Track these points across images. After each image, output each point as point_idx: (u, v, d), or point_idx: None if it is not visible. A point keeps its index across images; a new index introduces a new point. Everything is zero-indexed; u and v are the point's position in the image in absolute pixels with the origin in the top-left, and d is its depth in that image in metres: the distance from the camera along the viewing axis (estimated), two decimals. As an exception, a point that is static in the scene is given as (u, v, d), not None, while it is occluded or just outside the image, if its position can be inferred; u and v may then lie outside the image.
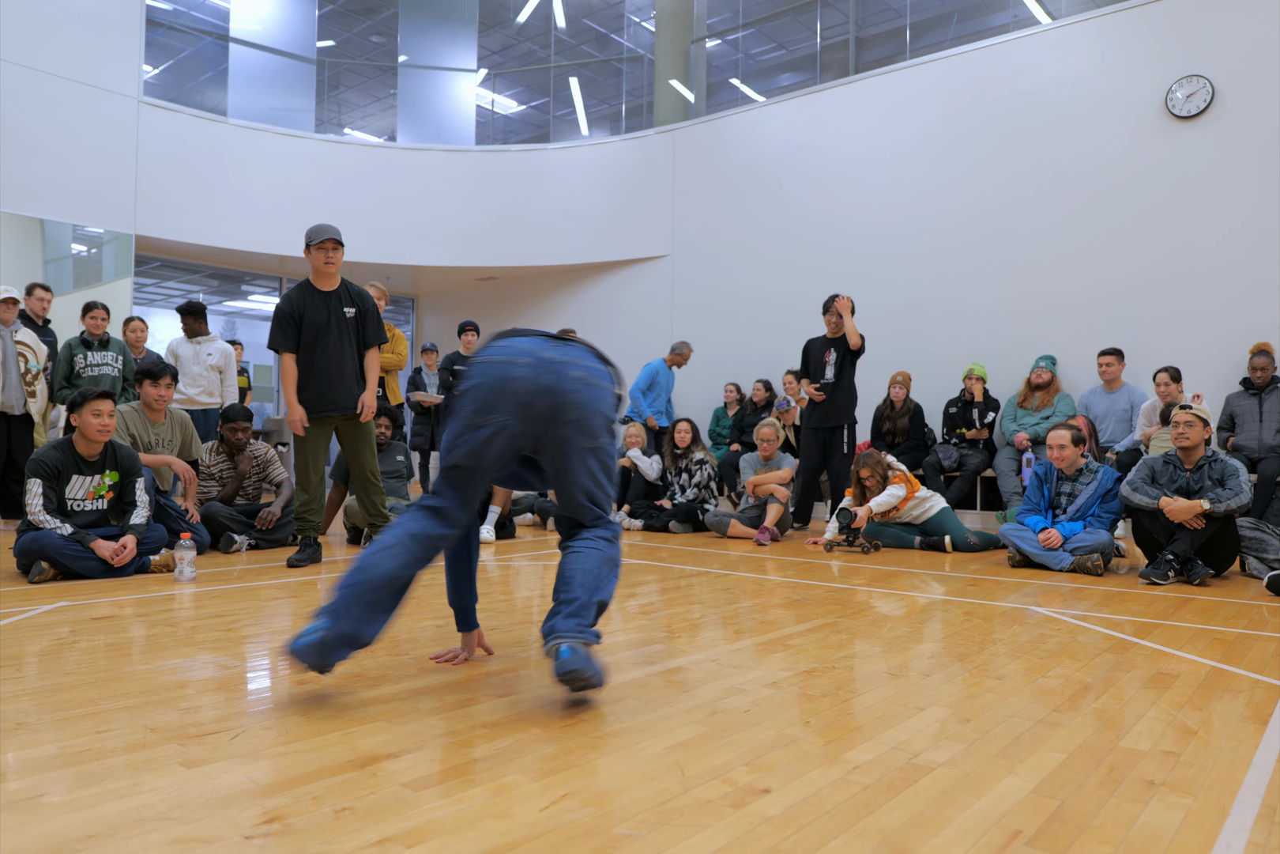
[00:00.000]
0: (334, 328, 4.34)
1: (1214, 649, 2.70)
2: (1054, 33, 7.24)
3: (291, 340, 4.30)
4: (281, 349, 4.31)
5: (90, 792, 1.46)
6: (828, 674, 2.32)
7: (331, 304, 4.35)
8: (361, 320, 4.46)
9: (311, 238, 4.27)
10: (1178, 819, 1.43)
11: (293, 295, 4.33)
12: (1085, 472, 4.66)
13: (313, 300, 4.32)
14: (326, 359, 4.33)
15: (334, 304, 4.36)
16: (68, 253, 8.16)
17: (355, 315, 4.43)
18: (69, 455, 3.93)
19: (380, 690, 2.10)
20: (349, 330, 4.40)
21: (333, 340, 4.33)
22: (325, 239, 4.24)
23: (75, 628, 2.79)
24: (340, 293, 4.40)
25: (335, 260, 4.28)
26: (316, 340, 4.31)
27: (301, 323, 4.30)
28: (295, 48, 10.26)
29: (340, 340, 4.36)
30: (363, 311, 4.46)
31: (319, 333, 4.31)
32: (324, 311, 4.32)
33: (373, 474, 4.57)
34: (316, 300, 4.33)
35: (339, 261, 4.31)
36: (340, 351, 4.36)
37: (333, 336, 4.33)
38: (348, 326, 4.40)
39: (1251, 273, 6.26)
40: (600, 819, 1.38)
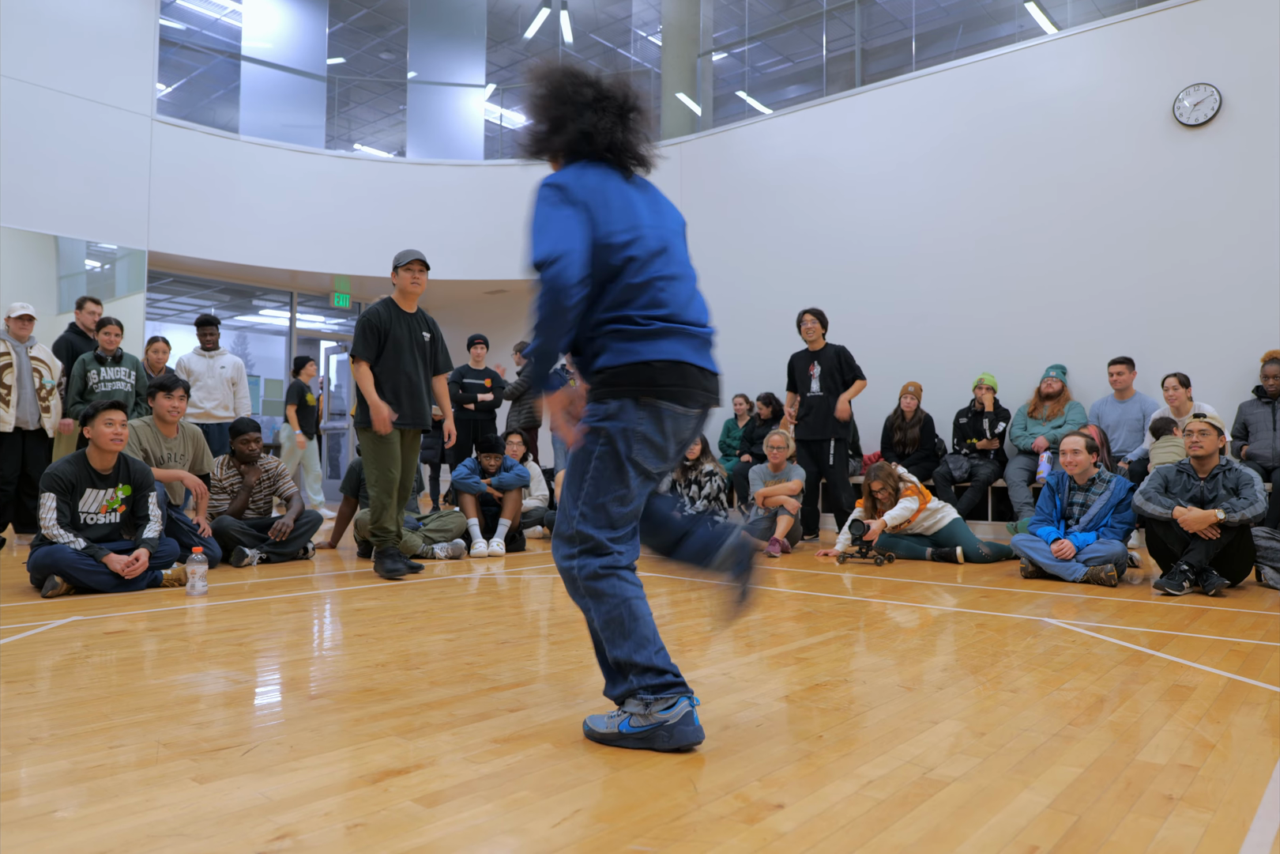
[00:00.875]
0: (411, 348, 4.57)
1: (1231, 661, 2.67)
2: (1060, 43, 7.26)
3: (374, 351, 4.50)
4: (363, 357, 4.48)
5: (103, 807, 1.46)
6: (840, 687, 2.31)
7: (412, 326, 4.60)
8: (434, 346, 4.74)
9: (400, 260, 4.51)
10: (1197, 835, 1.41)
11: (380, 310, 4.55)
12: (1098, 481, 4.63)
13: (397, 319, 4.56)
14: (404, 375, 4.53)
15: (415, 326, 4.62)
16: (81, 269, 8.24)
17: (430, 341, 4.71)
18: (83, 469, 3.96)
19: (391, 705, 2.10)
20: (424, 353, 4.65)
21: (409, 359, 4.55)
22: (413, 260, 4.50)
23: (88, 642, 2.80)
24: (419, 317, 4.68)
25: (421, 281, 4.56)
26: (397, 357, 4.53)
27: (385, 338, 4.51)
28: (306, 65, 10.37)
29: (415, 361, 4.59)
30: (435, 338, 4.76)
31: (399, 351, 4.53)
32: (405, 332, 4.56)
33: (407, 489, 4.74)
34: (400, 319, 4.57)
35: (424, 283, 4.58)
36: (415, 370, 4.58)
37: (409, 356, 4.56)
38: (424, 349, 4.65)
39: (1261, 280, 6.24)
40: (612, 835, 1.37)
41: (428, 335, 4.69)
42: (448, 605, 3.61)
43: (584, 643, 2.87)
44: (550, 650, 2.74)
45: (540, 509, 6.61)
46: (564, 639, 2.93)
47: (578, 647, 2.81)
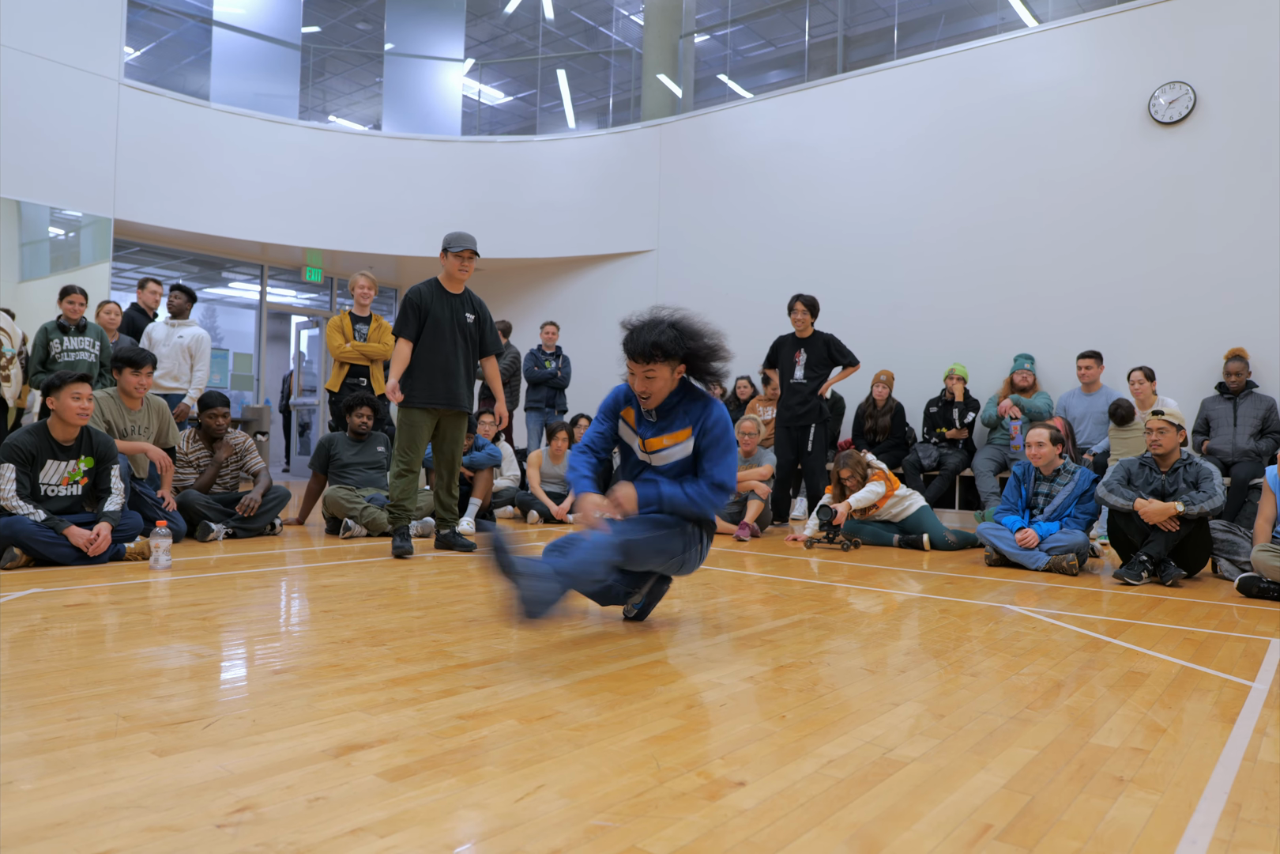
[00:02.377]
0: (452, 329, 4.53)
1: (1185, 649, 2.74)
2: (1040, 36, 7.29)
3: (413, 330, 4.48)
4: (402, 335, 4.48)
5: (60, 779, 1.44)
6: (804, 669, 2.33)
7: (455, 307, 4.56)
8: (480, 328, 4.68)
9: (452, 244, 4.48)
10: (1145, 815, 1.45)
11: (423, 289, 4.53)
12: (1063, 472, 4.70)
13: (439, 299, 4.52)
14: (441, 356, 4.49)
15: (457, 307, 4.57)
16: (45, 236, 8.05)
17: (475, 322, 4.64)
18: (44, 440, 3.88)
19: (356, 681, 2.09)
20: (467, 334, 4.60)
21: (448, 340, 4.51)
22: (465, 248, 4.48)
23: (48, 615, 2.76)
24: (465, 298, 4.62)
25: (469, 269, 4.54)
26: (435, 337, 4.50)
27: (425, 317, 4.49)
28: (280, 33, 10.15)
29: (455, 342, 4.54)
30: (482, 320, 4.69)
31: (438, 331, 4.50)
32: (447, 312, 4.52)
33: (451, 471, 4.73)
34: (443, 300, 4.53)
35: (471, 270, 4.57)
36: (454, 352, 4.53)
37: (448, 337, 4.52)
38: (467, 330, 4.60)
39: (1230, 278, 6.34)
40: (575, 810, 1.38)
41: (472, 316, 4.62)
42: (417, 583, 3.59)
43: (551, 621, 2.87)
44: (518, 629, 2.75)
45: (511, 489, 6.60)
46: (531, 618, 2.93)
47: (545, 625, 2.82)
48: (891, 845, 1.30)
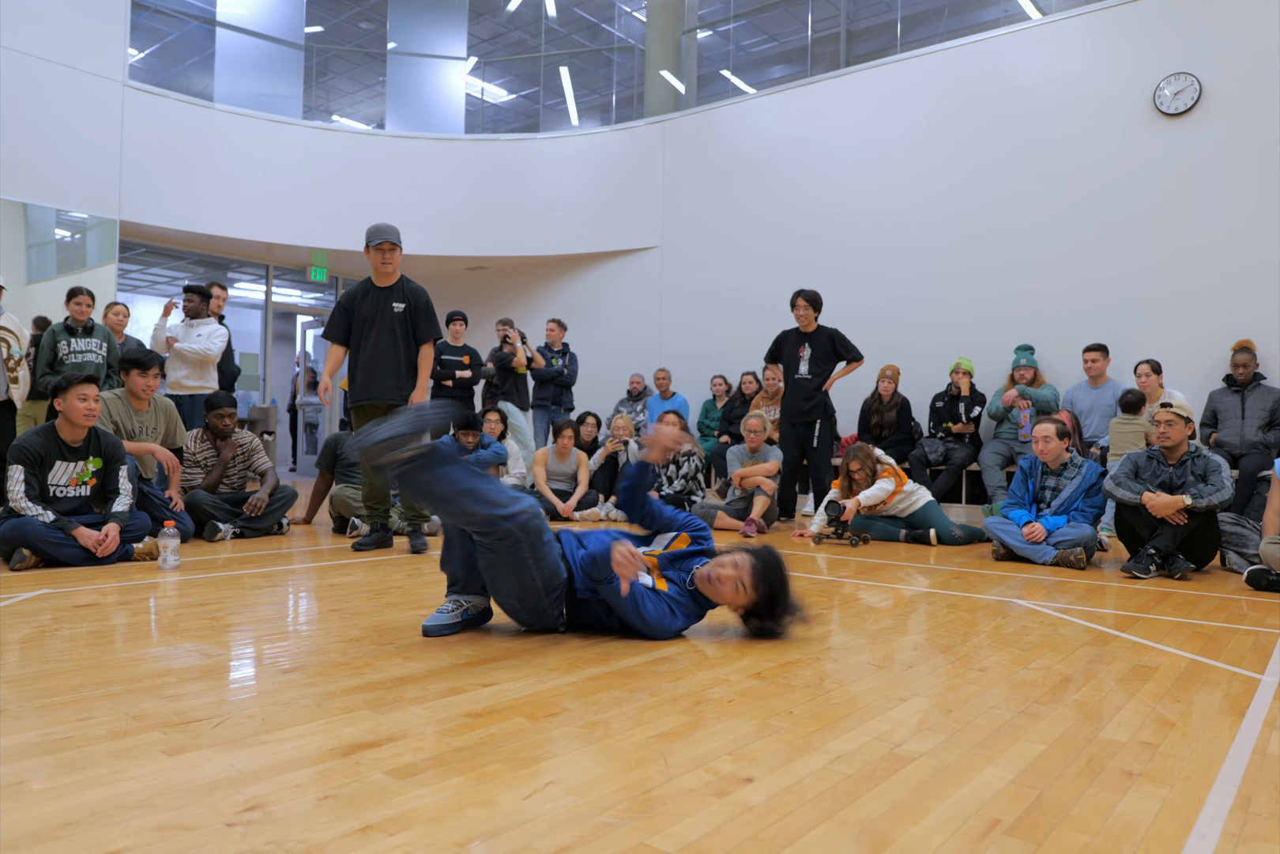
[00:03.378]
0: (379, 322, 4.50)
1: (1193, 642, 2.73)
2: (1044, 28, 7.25)
3: (339, 331, 4.54)
4: (329, 338, 4.57)
5: (71, 779, 1.45)
6: (811, 665, 2.33)
7: (382, 299, 4.52)
8: (412, 315, 4.58)
9: (370, 238, 4.44)
10: (1154, 809, 1.44)
11: (353, 289, 4.56)
12: (1069, 466, 4.69)
13: (366, 295, 4.53)
14: (368, 350, 4.50)
15: (384, 299, 4.52)
16: (51, 238, 8.08)
17: (404, 310, 4.56)
18: (52, 441, 3.90)
19: (364, 679, 2.10)
20: (395, 324, 4.53)
21: (376, 333, 4.49)
22: (383, 241, 4.42)
23: (57, 616, 2.77)
24: (395, 289, 4.56)
25: (393, 261, 4.48)
26: (364, 333, 4.51)
27: (353, 316, 4.51)
28: (283, 33, 10.15)
29: (382, 333, 4.50)
30: (414, 307, 4.58)
31: (365, 326, 4.51)
32: (373, 306, 4.51)
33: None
34: (370, 296, 4.53)
35: (395, 262, 4.50)
36: (380, 344, 4.50)
37: (376, 330, 4.49)
38: (394, 321, 4.53)
39: (1237, 270, 6.31)
40: (583, 808, 1.38)
41: (400, 306, 4.55)
42: (423, 582, 3.60)
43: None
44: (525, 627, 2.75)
45: (518, 487, 6.61)
46: (539, 616, 2.94)
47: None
48: (900, 841, 1.30)
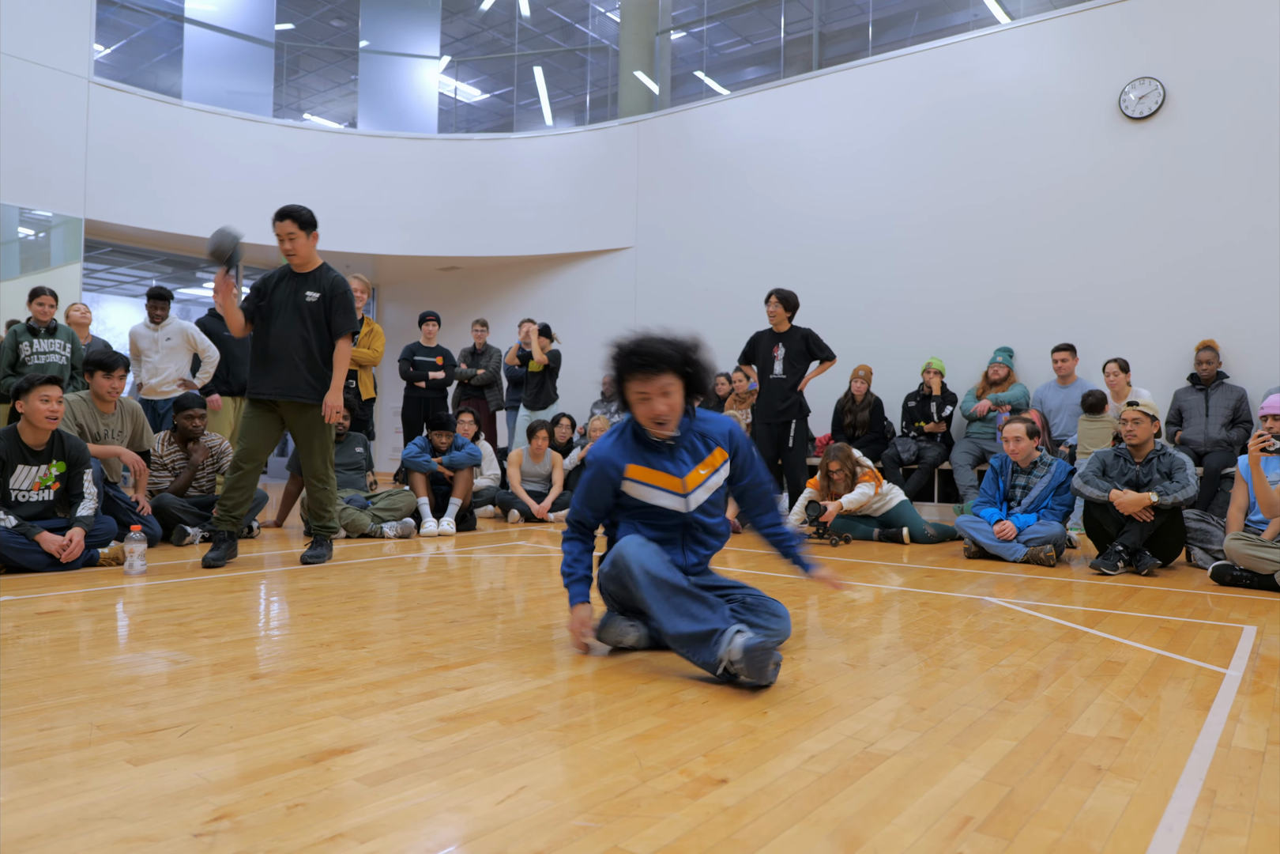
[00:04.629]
0: (288, 310, 4.10)
1: (1160, 637, 2.77)
2: (1012, 33, 7.34)
3: (248, 311, 4.12)
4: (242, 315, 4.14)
5: (33, 791, 1.42)
6: (786, 665, 2.34)
7: (295, 287, 4.13)
8: (326, 306, 4.16)
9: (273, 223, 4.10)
10: (1123, 803, 1.46)
11: (270, 273, 4.22)
12: (1039, 464, 4.74)
13: (281, 281, 4.16)
14: (271, 340, 4.10)
15: (297, 287, 4.13)
16: (14, 237, 7.92)
17: (318, 301, 4.14)
18: (14, 445, 3.82)
19: (336, 685, 2.08)
20: (306, 315, 4.12)
21: (284, 323, 4.09)
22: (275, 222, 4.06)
23: (19, 623, 2.71)
24: (311, 277, 4.16)
25: (294, 248, 4.08)
26: (266, 322, 4.11)
27: (265, 299, 4.13)
28: (253, 30, 10.04)
29: (291, 324, 4.10)
30: (328, 297, 4.16)
31: (274, 313, 4.11)
32: (285, 293, 4.12)
33: (316, 475, 4.27)
34: (286, 281, 4.15)
35: (300, 248, 4.08)
36: (286, 335, 4.09)
37: (284, 319, 4.09)
38: (305, 311, 4.12)
39: (1201, 271, 6.41)
40: (557, 811, 1.38)
41: (314, 296, 4.12)
42: (396, 585, 3.57)
43: (533, 622, 2.87)
44: (500, 630, 2.74)
45: (492, 488, 6.57)
46: (514, 618, 2.93)
47: (527, 626, 2.81)
48: (873, 840, 1.30)
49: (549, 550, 4.79)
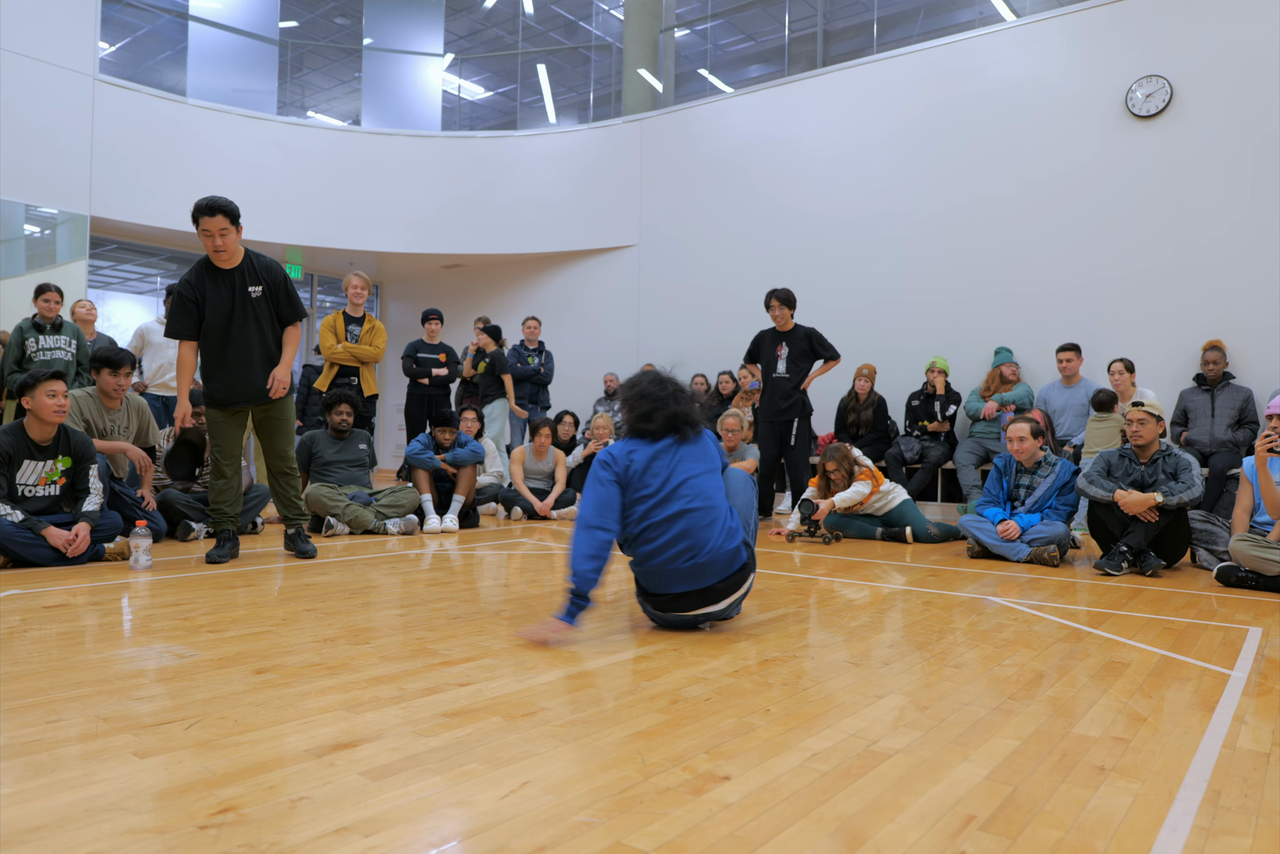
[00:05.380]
0: (241, 312, 3.92)
1: (1164, 638, 2.76)
2: (1018, 30, 7.32)
3: (192, 328, 3.91)
4: (181, 337, 3.91)
5: (39, 782, 1.43)
6: (788, 663, 2.34)
7: (234, 284, 3.92)
8: (272, 297, 4.01)
9: (193, 218, 3.80)
10: (1126, 803, 1.46)
11: (190, 278, 3.89)
12: (1043, 464, 4.73)
13: (213, 281, 3.90)
14: (233, 346, 3.94)
15: (238, 284, 3.92)
16: (20, 234, 7.94)
17: (263, 293, 3.97)
18: (20, 440, 3.83)
19: (339, 680, 2.08)
20: (256, 311, 3.96)
21: (237, 325, 3.92)
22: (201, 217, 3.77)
23: (26, 617, 2.72)
24: (244, 269, 3.94)
25: (224, 244, 3.82)
26: (221, 326, 3.91)
27: (203, 307, 3.89)
28: (257, 28, 10.05)
29: (246, 324, 3.94)
30: (272, 287, 4.00)
31: (223, 317, 3.90)
32: (227, 294, 3.90)
33: (283, 461, 4.21)
34: (215, 281, 3.90)
35: (229, 243, 3.83)
36: (247, 336, 3.95)
37: (237, 320, 3.92)
38: (252, 308, 3.95)
39: (1206, 271, 6.40)
40: (560, 807, 1.38)
41: (257, 289, 3.94)
42: (400, 581, 3.58)
43: (536, 618, 2.87)
44: (503, 626, 2.74)
45: (495, 485, 6.58)
46: (517, 615, 2.93)
47: (530, 622, 2.81)
48: (875, 838, 1.30)
49: (551, 547, 4.80)
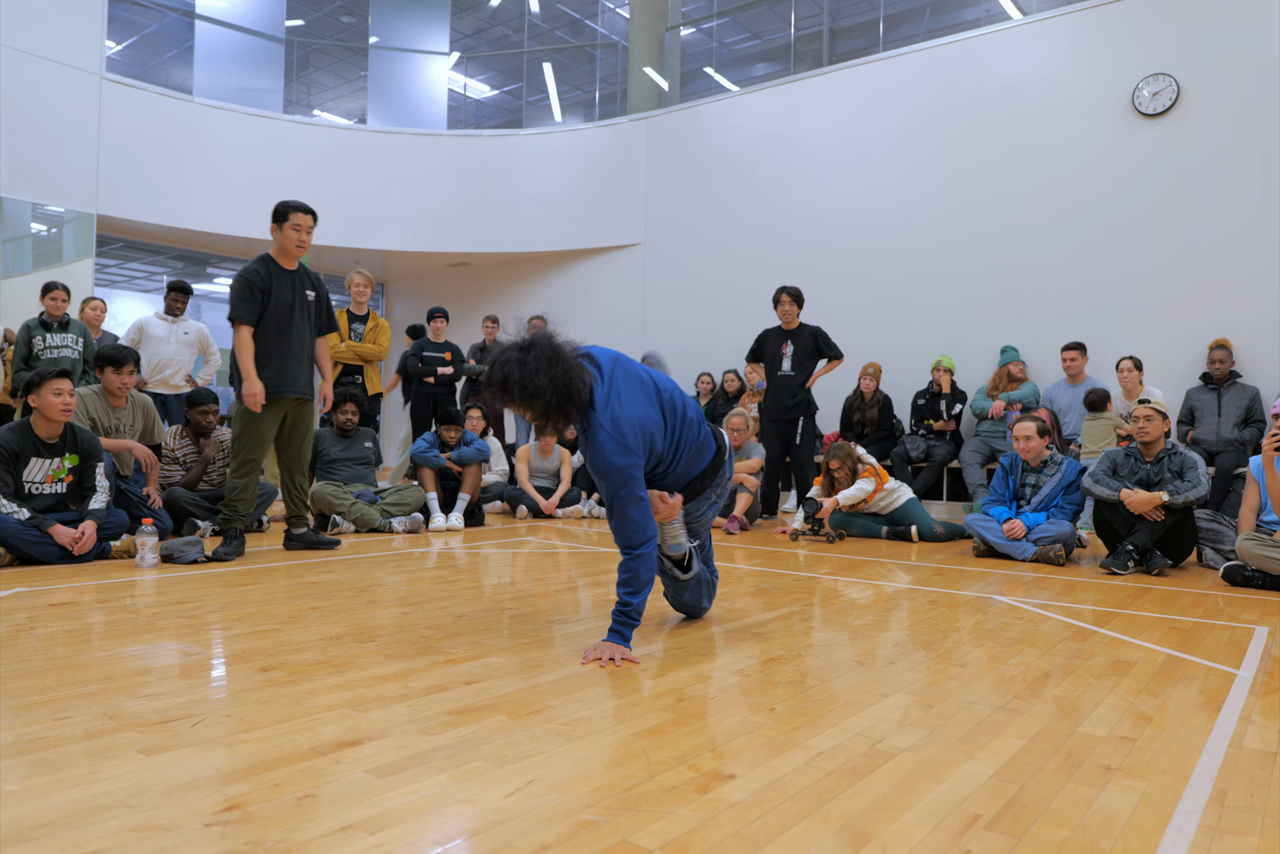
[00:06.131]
0: (297, 309, 4.19)
1: (1170, 637, 2.76)
2: (1024, 28, 7.30)
3: (255, 315, 4.08)
4: (245, 321, 4.06)
5: (46, 779, 1.43)
6: (794, 662, 2.34)
7: (296, 284, 4.20)
8: (318, 305, 4.33)
9: (285, 212, 4.10)
10: (1132, 802, 1.46)
11: (259, 269, 4.12)
12: (1049, 463, 4.72)
13: (279, 278, 4.15)
14: (289, 339, 4.16)
15: (298, 284, 4.22)
16: (27, 232, 7.96)
17: (315, 299, 4.30)
18: (27, 438, 3.85)
19: (345, 678, 2.08)
20: (309, 314, 4.27)
21: (295, 322, 4.18)
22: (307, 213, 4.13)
23: (32, 614, 2.73)
24: (302, 274, 4.27)
25: (307, 243, 4.17)
26: (282, 319, 4.14)
27: (267, 298, 4.11)
28: (263, 26, 10.06)
29: (302, 322, 4.22)
30: (319, 296, 4.33)
31: (284, 312, 4.14)
32: (290, 291, 4.17)
33: (303, 462, 4.42)
34: (282, 278, 4.16)
35: (309, 245, 4.21)
36: (301, 334, 4.22)
37: (295, 318, 4.18)
38: (308, 310, 4.26)
39: (1215, 269, 6.37)
40: (565, 805, 1.38)
41: (312, 294, 4.28)
42: (405, 579, 3.58)
43: (541, 617, 2.87)
44: (508, 624, 2.74)
45: (500, 484, 6.58)
46: (522, 613, 2.93)
47: (535, 620, 2.82)
48: (881, 836, 1.30)
49: (556, 546, 4.80)
